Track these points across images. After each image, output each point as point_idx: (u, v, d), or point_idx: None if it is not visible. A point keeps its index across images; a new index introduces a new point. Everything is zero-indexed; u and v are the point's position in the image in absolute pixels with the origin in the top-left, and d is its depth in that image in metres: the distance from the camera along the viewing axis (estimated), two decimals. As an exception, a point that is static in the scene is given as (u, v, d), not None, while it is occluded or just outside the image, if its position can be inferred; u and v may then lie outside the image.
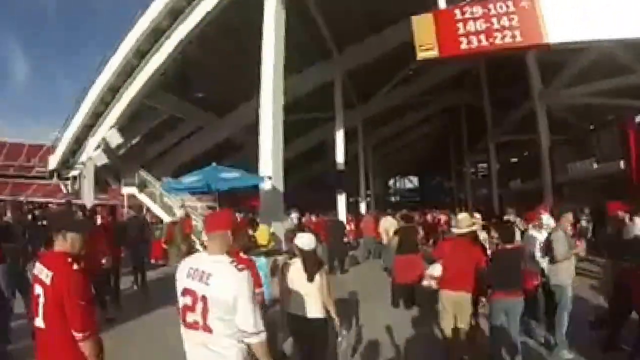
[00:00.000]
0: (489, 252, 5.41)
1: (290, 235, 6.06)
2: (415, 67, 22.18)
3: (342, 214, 18.88)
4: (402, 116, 30.40)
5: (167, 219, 15.80)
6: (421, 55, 7.76)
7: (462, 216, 4.94)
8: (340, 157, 20.92)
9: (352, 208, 25.38)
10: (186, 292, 2.14)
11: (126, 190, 20.01)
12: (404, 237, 7.45)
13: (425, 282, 4.94)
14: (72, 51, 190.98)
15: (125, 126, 18.30)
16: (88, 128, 18.75)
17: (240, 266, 2.13)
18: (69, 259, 2.24)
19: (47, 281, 2.17)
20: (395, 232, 7.89)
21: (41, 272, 2.23)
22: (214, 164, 8.69)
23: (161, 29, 14.47)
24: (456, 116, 33.08)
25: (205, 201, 17.92)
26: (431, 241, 13.60)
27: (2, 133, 48.07)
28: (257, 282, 3.03)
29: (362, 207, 27.27)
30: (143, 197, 19.19)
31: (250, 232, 5.07)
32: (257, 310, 2.12)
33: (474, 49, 7.55)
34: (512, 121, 23.49)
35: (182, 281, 2.19)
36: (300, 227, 8.53)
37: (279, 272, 4.48)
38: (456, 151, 37.64)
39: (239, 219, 2.76)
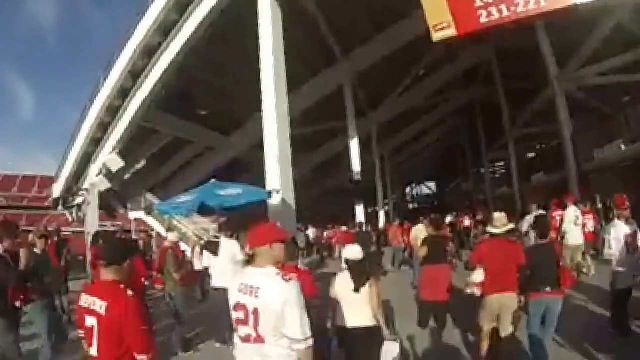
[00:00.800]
0: None
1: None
2: (426, 67, 21.43)
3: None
4: (416, 121, 29.74)
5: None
6: (437, 36, 6.93)
7: (499, 215, 4.58)
8: (356, 166, 20.14)
9: (371, 218, 24.48)
10: (238, 307, 2.23)
11: (133, 214, 19.56)
12: (432, 248, 6.33)
13: (468, 290, 4.71)
14: (74, 77, 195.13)
15: (127, 150, 17.63)
16: (89, 154, 18.22)
17: (287, 277, 2.20)
18: (122, 286, 2.26)
19: (102, 312, 2.20)
20: (423, 242, 6.71)
21: (92, 303, 2.25)
22: (213, 180, 7.77)
23: (153, 46, 13.89)
24: (471, 114, 32.18)
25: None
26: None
27: (13, 166, 48.87)
28: (312, 291, 3.46)
29: (381, 217, 26.31)
30: (150, 221, 18.64)
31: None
32: (304, 317, 2.16)
33: (494, 21, 6.66)
34: (531, 112, 22.35)
35: (234, 297, 2.27)
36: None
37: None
38: (473, 151, 36.62)
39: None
